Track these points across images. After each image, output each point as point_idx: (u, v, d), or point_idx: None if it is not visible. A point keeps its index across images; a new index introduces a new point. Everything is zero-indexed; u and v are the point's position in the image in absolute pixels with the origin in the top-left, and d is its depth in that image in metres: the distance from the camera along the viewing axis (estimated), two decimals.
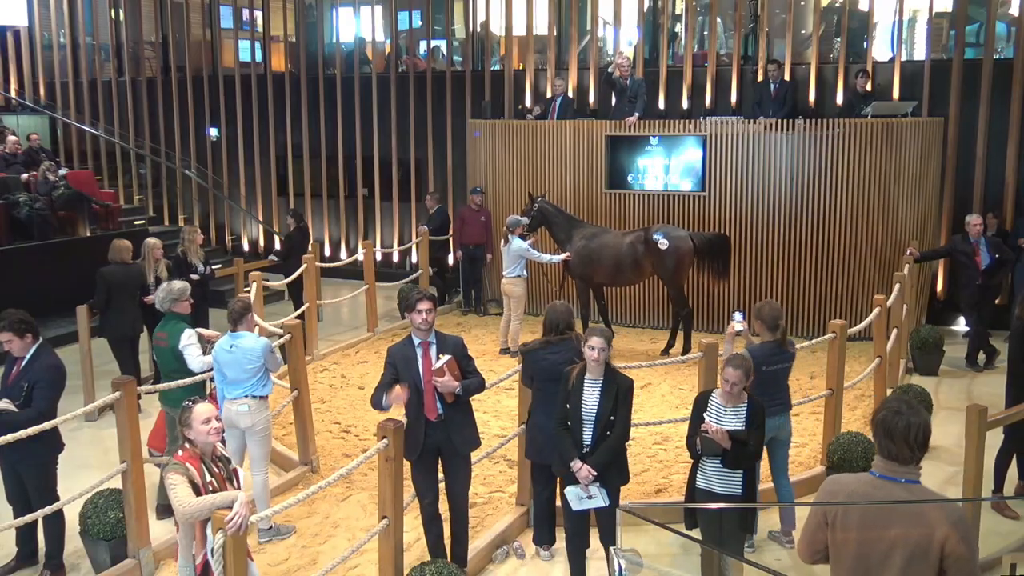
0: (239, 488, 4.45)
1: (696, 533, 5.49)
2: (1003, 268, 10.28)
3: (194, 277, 10.00)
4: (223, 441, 4.78)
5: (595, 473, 5.20)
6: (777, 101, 11.89)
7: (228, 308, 6.37)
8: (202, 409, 4.43)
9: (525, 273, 10.61)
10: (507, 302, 10.68)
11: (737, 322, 6.26)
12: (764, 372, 5.95)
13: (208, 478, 4.35)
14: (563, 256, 10.66)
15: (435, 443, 5.50)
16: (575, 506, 5.32)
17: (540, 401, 5.79)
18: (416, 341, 5.46)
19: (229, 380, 6.25)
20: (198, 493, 4.24)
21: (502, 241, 10.64)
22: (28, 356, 5.80)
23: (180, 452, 4.41)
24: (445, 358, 5.34)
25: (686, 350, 10.32)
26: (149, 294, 8.81)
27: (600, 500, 5.27)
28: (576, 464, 5.22)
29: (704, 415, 5.27)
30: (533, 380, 5.91)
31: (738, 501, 5.26)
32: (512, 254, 10.42)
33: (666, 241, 10.21)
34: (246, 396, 6.22)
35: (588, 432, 5.26)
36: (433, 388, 5.37)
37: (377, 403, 5.48)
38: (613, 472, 5.35)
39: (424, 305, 5.39)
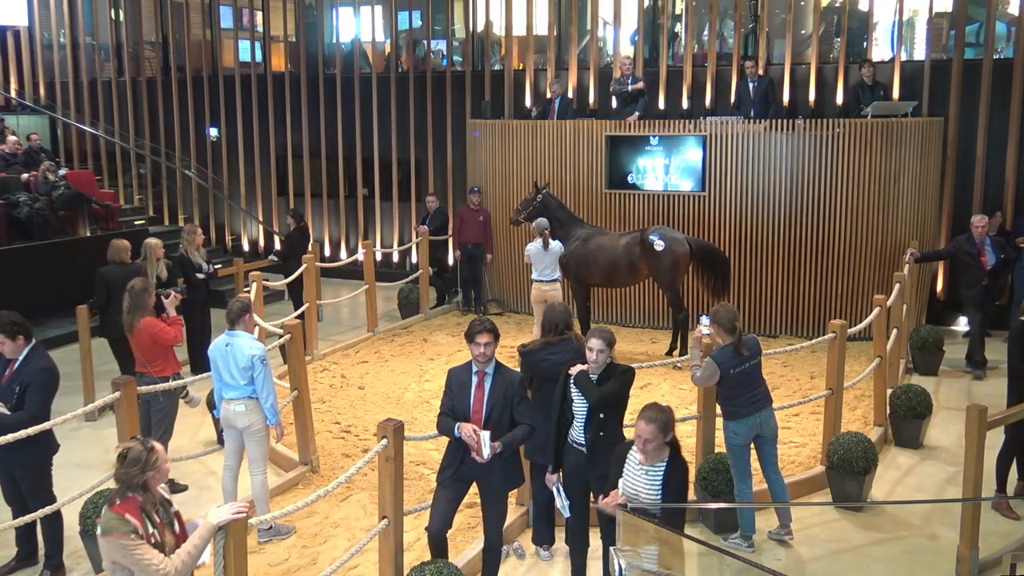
0: (182, 531, 4.03)
1: (697, 533, 5.48)
2: (1007, 268, 10.20)
3: (199, 276, 10.01)
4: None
5: (557, 480, 5.34)
6: (757, 101, 11.85)
7: (227, 307, 6.36)
8: (160, 445, 3.97)
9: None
10: (540, 310, 9.77)
11: (704, 326, 6.18)
12: (733, 375, 5.97)
13: (151, 529, 3.85)
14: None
15: (472, 475, 5.30)
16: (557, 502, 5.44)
17: (540, 401, 5.79)
18: (474, 368, 5.30)
19: (224, 380, 6.24)
20: None
21: (539, 244, 9.89)
22: (21, 358, 5.77)
23: (117, 501, 3.84)
24: (495, 447, 5.06)
25: (684, 353, 10.30)
26: None
27: (565, 511, 5.39)
28: (549, 474, 5.40)
29: (623, 474, 4.65)
30: (532, 381, 5.90)
31: None
32: (552, 256, 9.90)
33: (662, 242, 10.05)
34: (243, 397, 6.21)
35: (580, 429, 5.28)
36: (479, 420, 5.21)
37: (446, 431, 5.26)
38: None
39: (483, 339, 5.18)
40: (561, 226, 10.64)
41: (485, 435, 5.09)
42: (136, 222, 15.07)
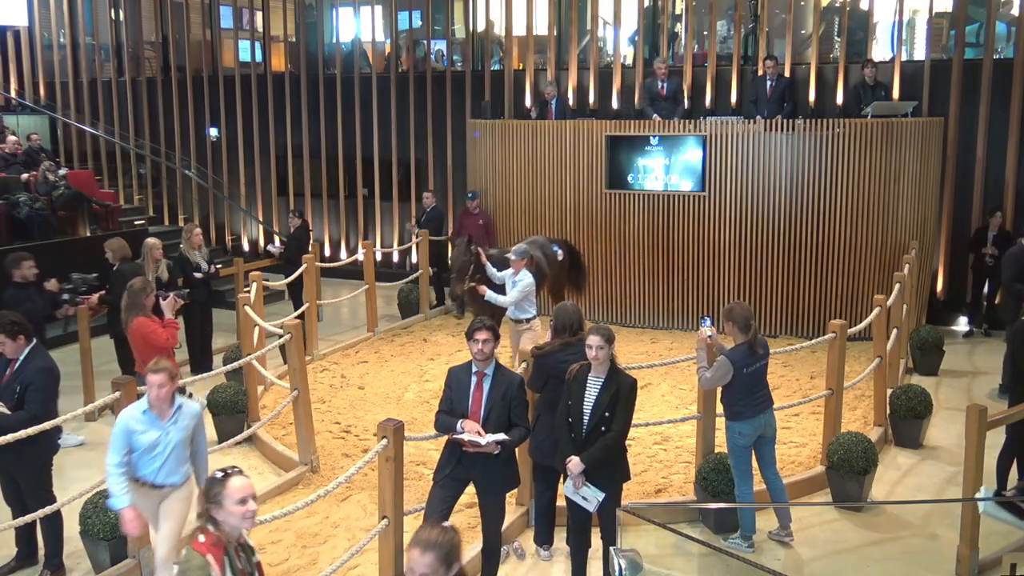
0: None
1: (698, 533, 5.48)
2: None
3: (197, 275, 10.00)
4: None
5: (582, 467, 5.10)
6: (774, 100, 11.85)
7: None
8: (239, 484, 3.47)
9: None
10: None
11: (706, 327, 6.14)
12: (745, 374, 5.95)
13: (230, 574, 3.43)
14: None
15: (467, 475, 5.29)
16: (569, 495, 5.29)
17: (550, 403, 5.73)
18: (473, 368, 5.30)
19: None
20: None
21: (526, 273, 8.92)
22: (21, 358, 5.77)
23: (201, 537, 3.43)
24: (496, 437, 5.08)
25: None
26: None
27: (591, 505, 5.21)
28: (570, 460, 5.19)
29: None
30: (546, 383, 5.86)
31: None
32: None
33: (561, 252, 10.67)
34: None
35: (586, 429, 5.26)
36: (477, 420, 5.23)
37: (444, 428, 5.28)
38: (614, 469, 5.34)
39: (481, 335, 5.19)
40: (500, 261, 9.72)
41: (493, 437, 5.10)
42: (136, 222, 15.05)
